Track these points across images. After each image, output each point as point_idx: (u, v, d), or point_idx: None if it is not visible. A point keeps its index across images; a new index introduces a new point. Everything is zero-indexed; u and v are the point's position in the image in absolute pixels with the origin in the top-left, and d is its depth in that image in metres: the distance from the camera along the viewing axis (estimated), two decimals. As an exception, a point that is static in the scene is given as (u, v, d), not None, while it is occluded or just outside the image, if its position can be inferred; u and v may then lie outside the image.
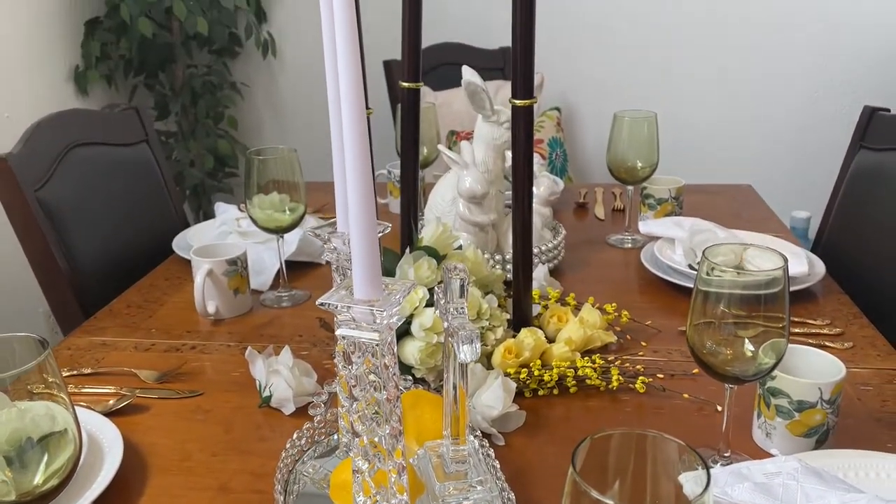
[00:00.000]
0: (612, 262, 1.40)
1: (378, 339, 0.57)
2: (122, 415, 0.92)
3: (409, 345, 0.94)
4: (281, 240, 1.24)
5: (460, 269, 0.67)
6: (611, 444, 0.45)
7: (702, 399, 0.93)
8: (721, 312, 0.73)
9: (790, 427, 0.80)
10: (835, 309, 1.16)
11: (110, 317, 1.20)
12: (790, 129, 2.73)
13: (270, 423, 0.91)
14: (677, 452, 0.44)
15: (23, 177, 1.22)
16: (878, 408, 0.90)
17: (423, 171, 1.62)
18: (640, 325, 1.11)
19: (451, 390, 0.72)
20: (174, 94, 2.66)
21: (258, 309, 1.23)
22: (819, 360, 0.83)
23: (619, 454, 0.45)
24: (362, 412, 0.60)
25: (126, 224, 1.47)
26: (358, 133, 0.51)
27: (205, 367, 1.04)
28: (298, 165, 1.21)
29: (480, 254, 1.06)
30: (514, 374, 0.94)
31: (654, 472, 0.45)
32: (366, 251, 0.56)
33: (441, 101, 2.40)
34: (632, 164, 1.44)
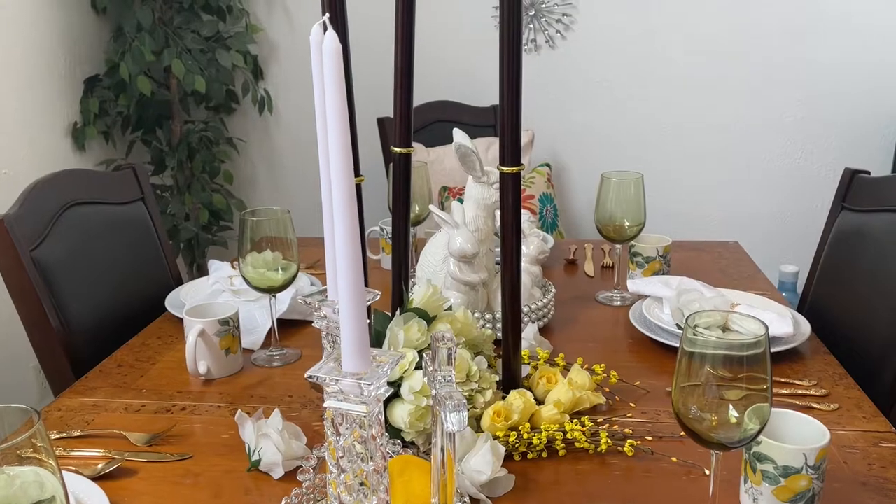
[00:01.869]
0: (601, 320, 1.41)
1: (365, 412, 0.58)
2: (110, 479, 0.92)
3: (399, 408, 0.95)
4: (273, 299, 1.25)
5: (448, 339, 0.68)
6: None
7: (689, 463, 0.93)
8: (706, 374, 0.75)
9: (776, 493, 0.80)
10: (821, 369, 1.17)
11: (101, 377, 1.20)
12: (776, 185, 2.79)
13: (259, 487, 0.91)
14: None
15: (18, 237, 1.24)
16: (863, 471, 0.91)
17: (415, 228, 1.65)
18: (629, 385, 1.12)
19: (438, 455, 0.72)
20: (171, 150, 2.70)
21: (249, 368, 1.23)
22: (804, 424, 0.84)
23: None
24: (350, 483, 0.60)
25: (120, 282, 1.48)
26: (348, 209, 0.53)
27: (195, 430, 1.04)
28: (291, 225, 1.23)
29: (470, 315, 1.08)
30: (502, 438, 0.94)
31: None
32: (354, 326, 0.57)
33: (433, 158, 2.44)
34: (619, 223, 1.47)
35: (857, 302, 1.35)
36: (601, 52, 2.74)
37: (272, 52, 2.88)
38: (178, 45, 2.50)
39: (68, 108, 2.50)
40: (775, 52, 2.67)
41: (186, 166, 2.72)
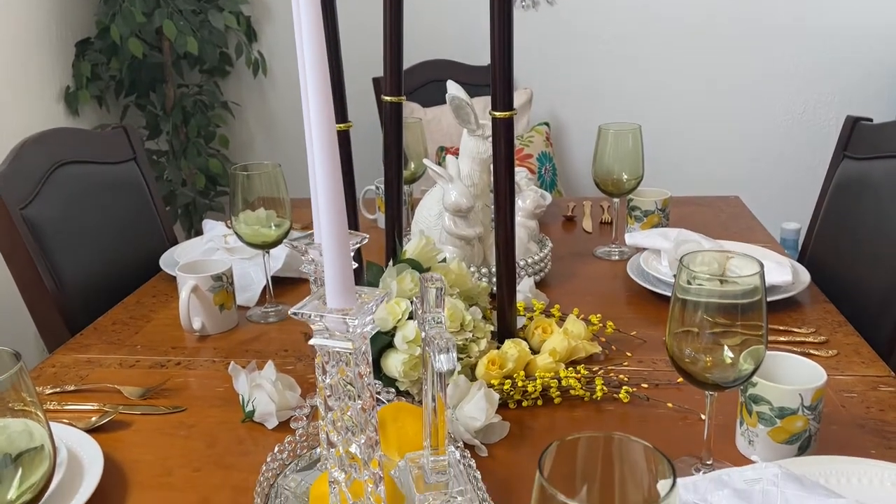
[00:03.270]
0: (598, 274, 1.40)
1: (351, 349, 0.57)
2: (104, 431, 0.91)
3: (393, 357, 0.94)
4: (267, 255, 1.24)
5: (436, 279, 0.67)
6: (578, 448, 0.45)
7: (686, 408, 0.93)
8: (699, 321, 0.74)
9: (772, 434, 0.80)
10: (820, 317, 1.16)
11: (95, 334, 1.20)
12: (777, 140, 2.75)
13: (254, 437, 0.91)
14: (643, 454, 0.44)
15: (8, 195, 1.22)
16: (861, 414, 0.90)
17: (411, 186, 1.63)
18: (626, 335, 1.11)
19: (430, 401, 0.71)
20: (165, 114, 2.67)
21: (244, 325, 1.22)
22: (800, 366, 0.83)
23: (587, 458, 0.45)
24: (338, 421, 0.60)
25: (113, 242, 1.47)
26: (327, 138, 0.52)
27: (189, 383, 1.04)
28: (283, 181, 1.22)
29: (465, 266, 1.07)
30: (497, 386, 0.94)
31: (621, 475, 0.45)
32: (338, 260, 0.56)
33: (430, 118, 2.41)
34: (617, 176, 1.45)
35: (858, 251, 1.34)
36: (600, 9, 2.69)
37: (265, 13, 2.83)
38: (170, 5, 2.46)
39: (60, 72, 2.46)
40: (777, 5, 2.61)
41: (181, 131, 2.69)
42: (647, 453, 0.43)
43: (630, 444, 0.44)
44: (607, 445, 0.45)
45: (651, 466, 0.43)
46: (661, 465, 0.42)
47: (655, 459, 0.43)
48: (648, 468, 0.44)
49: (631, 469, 0.44)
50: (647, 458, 0.44)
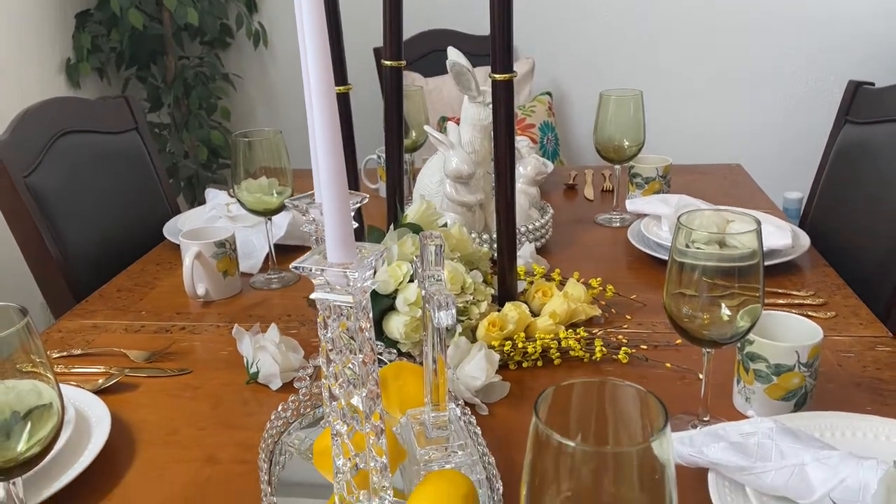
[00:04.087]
0: (599, 241, 1.41)
1: (352, 302, 0.58)
2: (111, 393, 0.93)
3: (395, 319, 0.95)
4: (269, 223, 1.25)
5: (435, 237, 0.68)
6: (573, 394, 0.46)
7: (684, 368, 0.94)
8: (697, 282, 0.74)
9: (768, 391, 0.81)
10: (819, 280, 1.16)
11: (101, 300, 1.21)
12: (780, 109, 2.74)
13: (258, 398, 0.93)
14: (636, 397, 0.45)
15: (11, 163, 1.23)
16: (858, 373, 0.91)
17: (412, 155, 1.63)
18: (626, 299, 1.12)
19: (430, 359, 0.72)
20: (166, 86, 2.67)
21: (248, 291, 1.24)
22: (797, 325, 0.84)
23: (582, 403, 0.46)
24: (339, 374, 0.61)
25: (117, 211, 1.48)
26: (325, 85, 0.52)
27: (194, 347, 1.05)
28: (284, 148, 1.22)
29: (465, 231, 1.07)
30: (498, 347, 0.95)
31: (615, 418, 0.46)
32: (338, 215, 0.56)
33: (431, 88, 2.40)
34: (619, 142, 1.45)
35: (858, 215, 1.34)
36: (603, -23, 2.67)
37: (265, -16, 2.81)
38: (169, -24, 2.44)
39: (61, 43, 2.46)
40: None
41: (183, 103, 2.69)
42: (639, 396, 0.44)
43: (623, 389, 0.45)
44: (601, 390, 0.46)
45: (644, 409, 0.44)
46: (653, 407, 0.43)
47: (648, 402, 0.44)
48: (641, 411, 0.45)
49: (624, 412, 0.45)
50: (639, 401, 0.44)
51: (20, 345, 0.61)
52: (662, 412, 0.42)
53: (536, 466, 0.44)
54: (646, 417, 0.44)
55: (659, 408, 0.42)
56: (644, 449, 0.41)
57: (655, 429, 0.42)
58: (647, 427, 0.44)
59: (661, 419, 0.42)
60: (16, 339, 0.61)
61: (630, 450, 0.41)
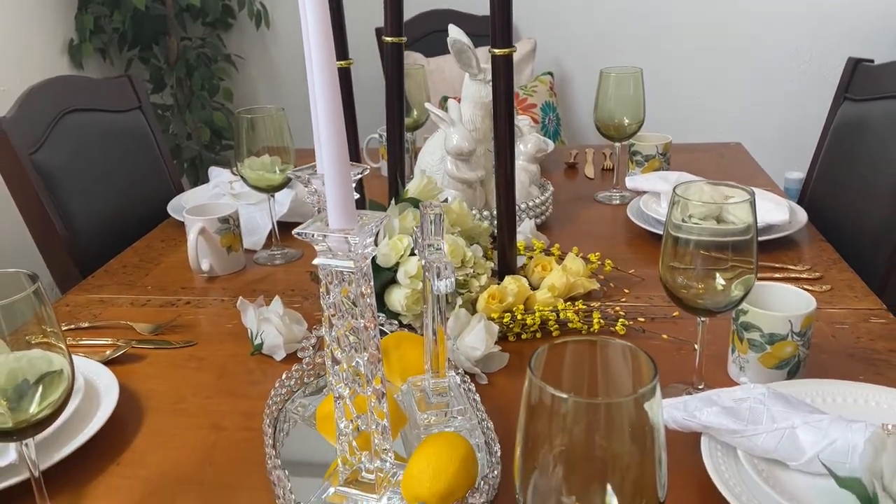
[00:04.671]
0: (599, 218, 1.42)
1: (353, 268, 0.59)
2: (118, 364, 0.95)
3: (396, 292, 0.97)
4: (272, 200, 1.27)
5: (435, 206, 0.69)
6: (566, 352, 0.48)
7: (680, 339, 0.96)
8: (691, 256, 0.76)
9: (762, 360, 0.83)
10: (815, 255, 1.18)
11: (107, 276, 1.23)
12: (782, 90, 2.74)
13: (262, 368, 0.94)
14: (627, 354, 0.46)
15: (17, 140, 1.25)
16: (851, 344, 0.93)
17: (413, 133, 1.64)
18: (624, 273, 1.14)
19: (430, 329, 0.74)
20: (169, 67, 2.67)
21: (251, 267, 1.25)
22: (791, 295, 0.85)
23: (574, 361, 0.48)
24: (342, 339, 0.63)
25: (121, 189, 1.50)
26: (327, 65, 0.53)
27: (199, 321, 1.07)
28: (287, 125, 1.23)
29: (465, 206, 1.09)
30: (497, 319, 0.97)
31: (606, 375, 0.47)
32: (339, 182, 0.58)
33: (433, 68, 2.41)
34: (619, 120, 1.46)
35: (855, 191, 1.35)
36: (605, -44, 2.66)
37: (267, -35, 2.81)
38: (170, -44, 2.44)
39: (63, 24, 2.46)
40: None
41: (185, 84, 2.70)
42: (630, 353, 0.46)
43: (614, 346, 0.46)
44: (593, 348, 0.47)
45: (634, 365, 0.46)
46: (643, 362, 0.45)
47: (638, 357, 0.45)
48: (632, 367, 0.46)
49: (615, 369, 0.47)
50: (630, 358, 0.46)
51: (33, 313, 0.63)
52: (651, 366, 0.44)
53: (530, 422, 0.45)
54: (636, 373, 0.46)
55: (648, 362, 0.44)
56: (634, 400, 0.42)
57: (645, 382, 0.44)
58: (637, 382, 0.46)
59: (650, 373, 0.43)
60: (27, 306, 0.62)
61: (620, 400, 0.43)
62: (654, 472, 0.46)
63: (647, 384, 0.42)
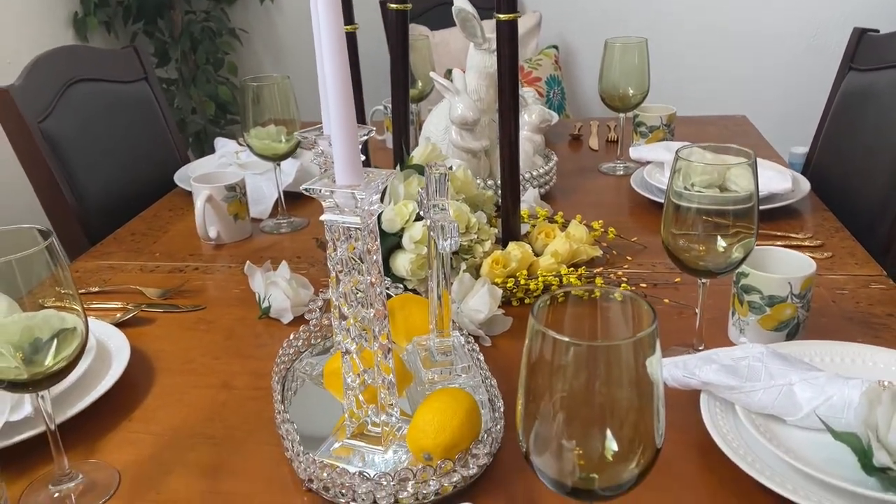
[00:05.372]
0: (603, 188, 1.43)
1: (360, 224, 0.61)
2: (128, 327, 0.96)
3: (401, 257, 0.98)
4: (278, 168, 1.28)
5: (440, 166, 0.70)
6: (568, 302, 0.49)
7: (682, 304, 0.97)
8: (692, 223, 0.77)
9: (762, 322, 0.84)
10: (818, 224, 1.19)
11: (115, 243, 1.24)
12: (787, 64, 2.72)
13: (270, 331, 0.96)
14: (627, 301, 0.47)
15: (25, 108, 1.26)
16: (851, 308, 0.94)
17: (418, 105, 1.64)
18: (627, 241, 1.15)
19: (435, 287, 0.75)
20: (173, 41, 2.67)
21: (258, 235, 1.27)
22: (791, 259, 0.86)
23: (576, 311, 0.49)
24: (348, 294, 0.64)
25: (128, 159, 1.51)
26: (334, 23, 0.54)
27: (207, 286, 1.09)
28: (293, 94, 1.24)
29: (470, 174, 1.09)
30: (501, 284, 0.98)
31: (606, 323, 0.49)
32: (346, 140, 0.59)
33: (438, 41, 2.40)
34: (623, 91, 1.46)
35: (859, 160, 1.36)
36: (611, -72, 2.64)
37: (271, -63, 2.79)
38: (174, -72, 2.43)
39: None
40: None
41: (190, 58, 2.70)
42: (629, 300, 0.47)
43: (614, 294, 0.48)
44: (593, 297, 0.49)
45: (634, 311, 0.47)
46: (642, 309, 0.46)
47: (637, 305, 0.47)
48: (632, 313, 0.48)
49: (615, 316, 0.48)
50: (629, 305, 0.47)
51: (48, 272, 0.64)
52: (651, 313, 0.45)
53: (532, 368, 0.47)
54: (636, 320, 0.47)
55: (647, 309, 0.45)
56: (633, 343, 0.44)
57: (644, 328, 0.45)
58: (637, 329, 0.47)
59: (649, 318, 0.44)
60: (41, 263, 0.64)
61: (619, 343, 0.44)
62: (652, 417, 0.47)
63: (646, 328, 0.43)
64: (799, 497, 0.60)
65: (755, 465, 0.64)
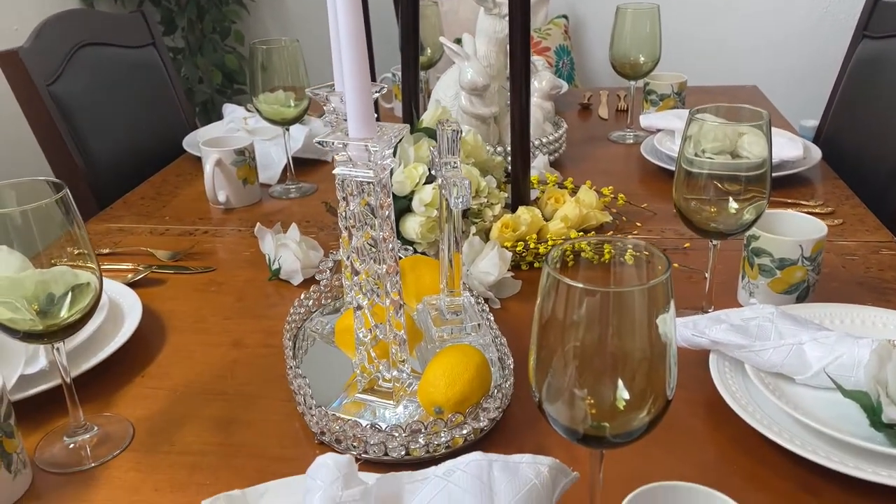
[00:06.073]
0: (613, 156, 1.42)
1: (373, 177, 0.61)
2: (139, 287, 0.97)
3: (411, 220, 0.98)
4: (287, 133, 1.27)
5: (452, 122, 0.70)
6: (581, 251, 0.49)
7: (691, 268, 0.97)
8: (704, 186, 0.77)
9: (772, 285, 0.84)
10: (829, 192, 1.18)
11: (125, 207, 1.25)
12: (800, 35, 2.69)
13: (280, 292, 0.97)
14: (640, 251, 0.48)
15: (34, 70, 1.25)
16: (861, 273, 0.94)
17: (427, 72, 1.63)
18: (637, 207, 1.14)
19: (446, 255, 0.75)
20: (180, 9, 2.65)
21: (267, 200, 1.27)
22: (802, 222, 0.86)
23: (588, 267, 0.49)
24: (361, 249, 0.64)
25: (137, 124, 1.50)
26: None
27: (216, 249, 1.09)
28: (302, 59, 1.23)
29: (479, 138, 1.09)
30: (510, 247, 0.98)
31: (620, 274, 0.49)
32: (359, 92, 0.59)
33: (447, 9, 2.38)
34: (634, 58, 1.45)
35: (871, 128, 1.35)
36: None
37: None
38: None
39: (73, -36, 2.44)
40: None
41: (197, 27, 2.68)
42: (644, 250, 0.47)
43: (627, 244, 0.48)
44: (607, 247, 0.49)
45: (647, 261, 0.47)
46: (655, 257, 0.46)
47: (650, 253, 0.47)
48: (645, 262, 0.48)
49: (628, 267, 0.48)
50: (643, 254, 0.47)
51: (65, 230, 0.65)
52: (664, 260, 0.45)
53: (546, 317, 0.47)
54: (649, 268, 0.47)
55: (661, 257, 0.45)
56: (647, 290, 0.44)
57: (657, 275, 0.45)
58: (649, 278, 0.47)
59: (663, 266, 0.45)
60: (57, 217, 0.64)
61: (632, 289, 0.44)
62: (664, 367, 0.47)
63: (660, 275, 0.43)
64: (807, 452, 0.61)
65: (763, 422, 0.64)
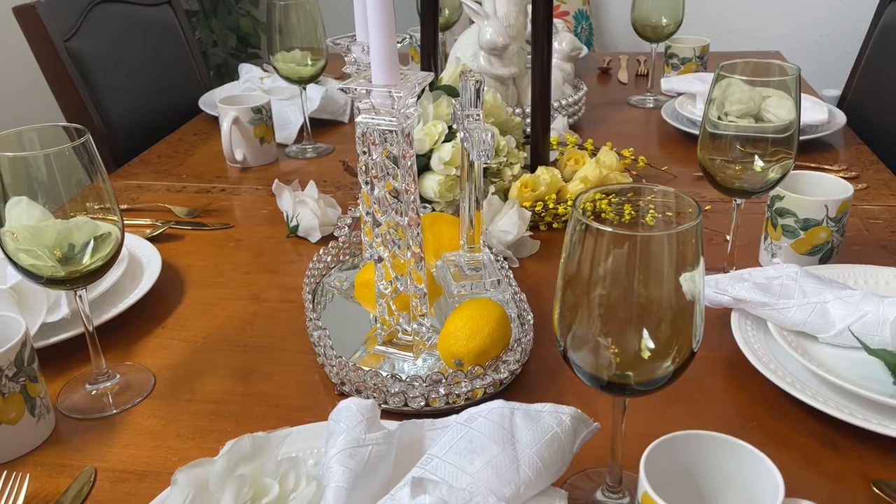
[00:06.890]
0: (632, 120, 1.40)
1: (396, 126, 0.60)
2: (158, 242, 0.97)
3: (429, 179, 0.97)
4: (304, 92, 1.26)
5: (475, 74, 0.69)
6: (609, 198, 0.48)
7: (713, 230, 0.96)
8: (728, 147, 0.75)
9: (795, 245, 0.83)
10: (853, 157, 1.16)
11: (142, 165, 1.25)
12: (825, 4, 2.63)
13: (298, 249, 0.97)
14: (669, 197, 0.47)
15: (51, 26, 1.24)
16: (885, 237, 0.93)
17: (444, 34, 1.61)
18: (657, 170, 1.13)
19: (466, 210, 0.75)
20: (194, -29, 2.63)
21: (284, 160, 1.26)
22: (827, 183, 0.85)
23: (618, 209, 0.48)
24: (382, 200, 0.64)
25: (153, 83, 1.50)
26: None
27: (234, 206, 1.09)
28: (320, 16, 1.22)
29: (499, 97, 1.08)
30: (529, 207, 0.97)
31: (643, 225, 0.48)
32: (384, 39, 0.58)
33: (464, -27, 2.34)
34: (656, 20, 1.42)
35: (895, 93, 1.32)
36: None
37: None
38: None
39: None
40: None
41: (211, -12, 2.66)
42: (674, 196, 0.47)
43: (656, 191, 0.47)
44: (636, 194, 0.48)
45: (677, 207, 0.47)
46: (685, 204, 0.45)
47: (680, 199, 0.46)
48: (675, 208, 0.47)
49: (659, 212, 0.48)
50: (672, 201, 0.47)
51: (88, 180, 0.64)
52: (695, 206, 0.44)
53: (572, 263, 0.47)
54: (679, 215, 0.47)
55: (691, 203, 0.45)
56: (676, 235, 0.43)
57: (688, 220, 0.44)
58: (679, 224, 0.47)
59: (694, 212, 0.44)
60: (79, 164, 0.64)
61: (661, 234, 0.43)
62: (692, 318, 0.47)
63: (691, 220, 0.43)
64: (830, 408, 0.60)
65: (786, 379, 0.64)
